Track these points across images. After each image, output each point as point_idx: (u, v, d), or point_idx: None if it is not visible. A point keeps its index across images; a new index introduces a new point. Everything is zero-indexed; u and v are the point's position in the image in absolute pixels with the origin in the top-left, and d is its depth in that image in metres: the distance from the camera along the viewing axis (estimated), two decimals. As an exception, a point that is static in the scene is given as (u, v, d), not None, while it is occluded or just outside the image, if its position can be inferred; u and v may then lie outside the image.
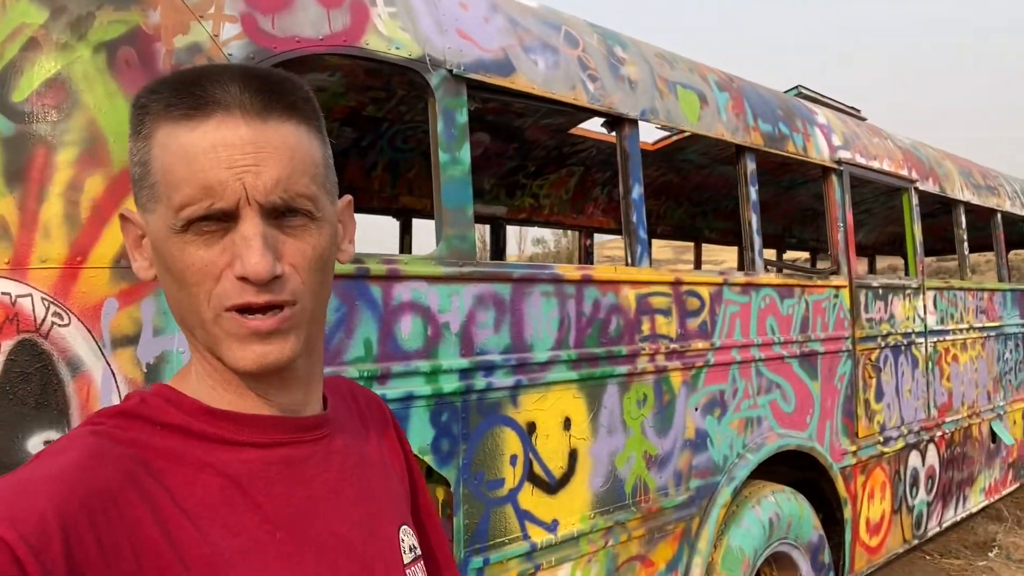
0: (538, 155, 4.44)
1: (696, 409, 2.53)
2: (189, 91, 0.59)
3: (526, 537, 1.98)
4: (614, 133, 2.41)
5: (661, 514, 2.38)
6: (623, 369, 2.26)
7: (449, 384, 1.82)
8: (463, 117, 1.90)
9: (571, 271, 2.14)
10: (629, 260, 2.36)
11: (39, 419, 1.27)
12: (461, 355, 1.86)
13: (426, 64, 1.82)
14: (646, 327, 2.35)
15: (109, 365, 1.32)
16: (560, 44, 2.22)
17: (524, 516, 1.98)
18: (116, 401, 1.32)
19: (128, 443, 0.60)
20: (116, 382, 1.32)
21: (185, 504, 0.59)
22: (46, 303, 1.28)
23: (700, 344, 2.53)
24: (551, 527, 2.05)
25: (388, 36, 1.75)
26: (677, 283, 2.47)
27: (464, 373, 1.86)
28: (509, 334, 1.97)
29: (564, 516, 2.09)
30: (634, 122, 2.38)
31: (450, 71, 1.87)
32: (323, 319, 0.70)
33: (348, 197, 0.74)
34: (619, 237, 2.67)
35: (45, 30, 1.36)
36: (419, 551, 0.78)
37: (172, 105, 0.59)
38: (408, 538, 0.76)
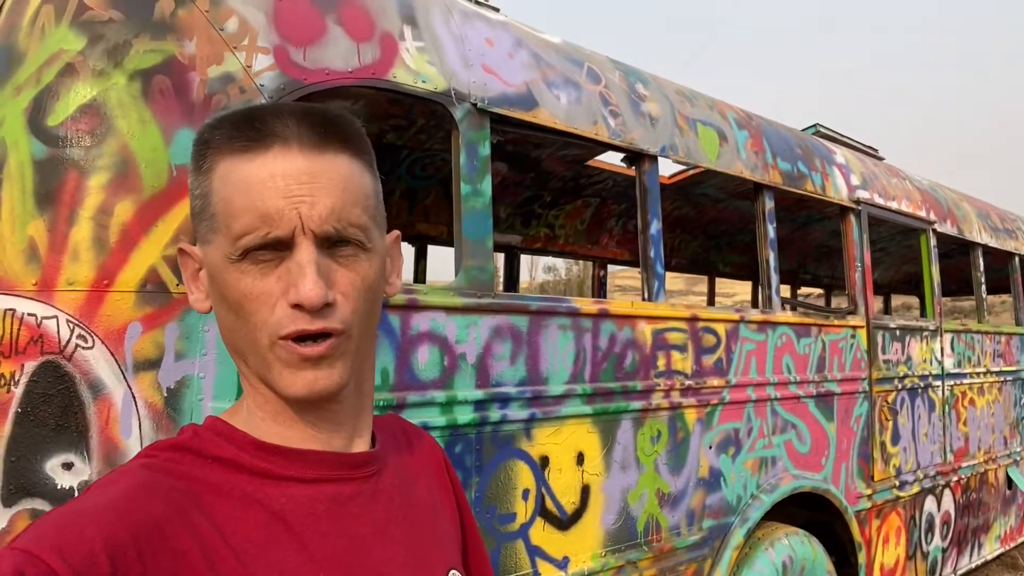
0: (555, 185, 4.47)
1: (710, 447, 2.50)
2: (250, 124, 0.62)
3: (536, 574, 1.95)
4: (634, 168, 2.42)
5: (673, 554, 2.35)
6: (638, 404, 2.24)
7: (464, 415, 1.81)
8: (486, 150, 1.92)
9: (588, 305, 2.14)
10: (646, 295, 2.36)
11: (58, 441, 1.27)
12: (477, 386, 1.85)
13: (451, 97, 1.84)
14: (661, 363, 2.34)
15: (130, 388, 1.32)
16: (582, 80, 2.25)
17: (535, 552, 1.96)
18: (134, 424, 1.32)
19: (179, 476, 0.61)
20: (136, 406, 1.33)
21: (232, 540, 0.60)
22: (71, 325, 1.29)
23: (715, 381, 2.52)
24: (562, 564, 2.02)
25: (415, 70, 1.77)
26: (693, 319, 2.46)
27: (479, 404, 1.85)
28: (525, 366, 1.96)
29: (575, 553, 2.06)
30: (654, 158, 2.39)
31: (474, 105, 1.89)
32: (372, 353, 0.72)
33: (396, 232, 0.76)
34: (631, 267, 2.66)
35: (82, 57, 1.39)
36: None
37: (233, 138, 0.62)
38: None
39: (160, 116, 1.40)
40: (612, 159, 3.77)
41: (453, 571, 0.75)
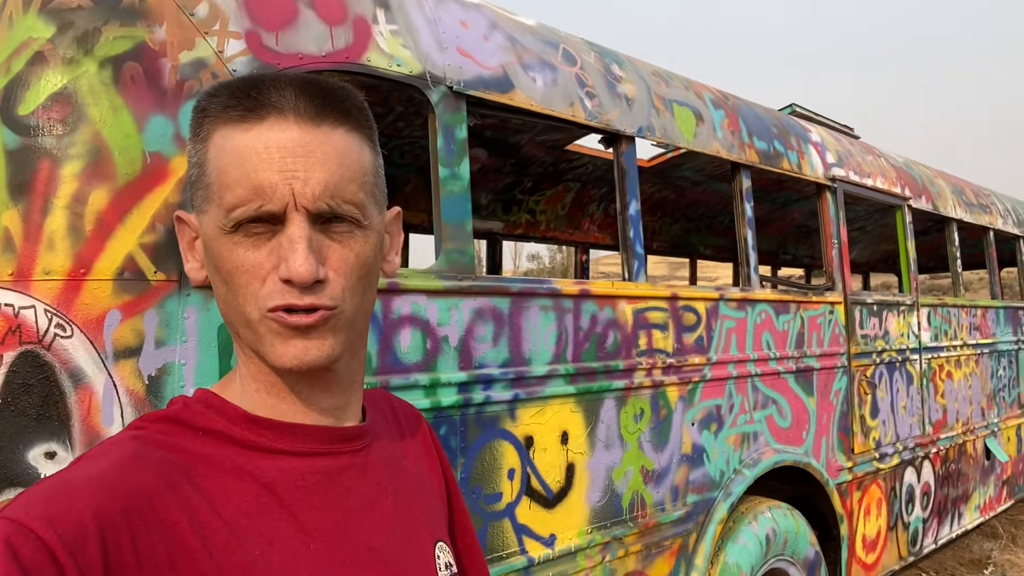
0: (535, 171, 4.47)
1: (693, 424, 2.53)
2: (246, 93, 0.61)
3: (523, 552, 1.98)
4: (611, 150, 2.43)
5: (658, 529, 2.38)
6: (620, 383, 2.27)
7: (448, 397, 1.83)
8: (463, 133, 1.92)
9: (569, 286, 2.15)
10: (626, 275, 2.38)
11: (40, 431, 1.27)
12: (460, 368, 1.86)
13: (426, 81, 1.85)
14: (643, 342, 2.36)
15: (111, 377, 1.32)
16: (558, 62, 2.25)
17: (521, 530, 1.98)
18: (116, 412, 1.32)
19: (169, 448, 0.61)
20: (118, 394, 1.33)
21: (222, 511, 0.60)
22: (49, 315, 1.28)
23: (696, 359, 2.55)
24: (548, 542, 2.05)
25: (390, 53, 1.77)
26: (674, 298, 2.49)
27: (463, 386, 1.86)
28: (507, 348, 1.98)
29: (561, 531, 2.09)
30: (631, 139, 2.40)
31: (450, 88, 1.89)
32: (366, 329, 0.72)
33: (397, 209, 0.75)
34: (615, 253, 2.69)
35: (52, 45, 1.38)
36: (455, 568, 0.77)
37: (229, 107, 0.61)
38: (444, 555, 0.76)
39: (132, 103, 1.39)
40: (592, 143, 3.78)
41: (440, 543, 0.76)
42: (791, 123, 3.36)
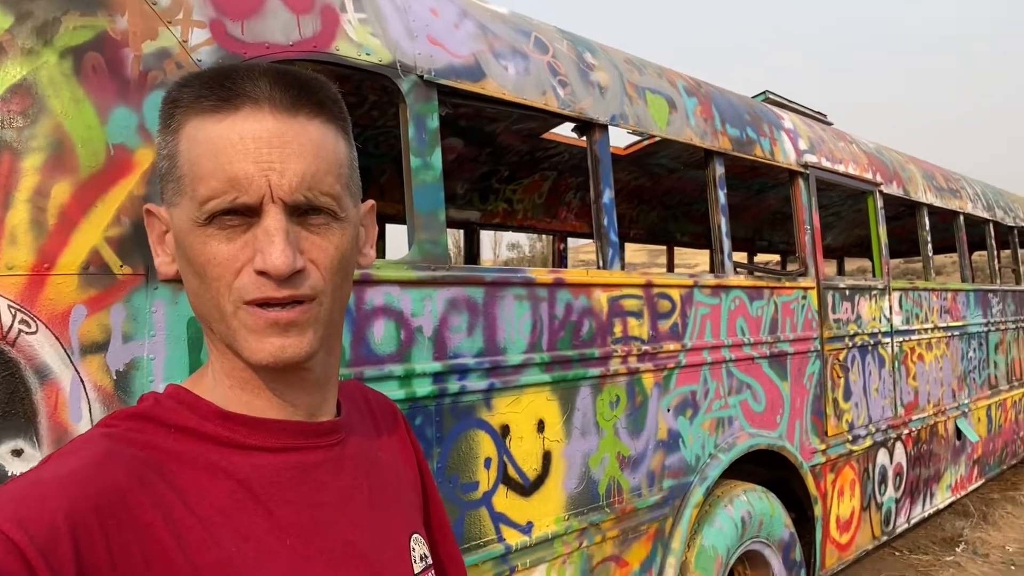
0: (511, 160, 4.46)
1: (668, 410, 2.56)
2: (220, 84, 0.60)
3: (501, 539, 1.99)
4: (584, 138, 2.43)
5: (635, 515, 2.41)
6: (596, 371, 2.28)
7: (422, 388, 1.83)
8: (434, 122, 1.91)
9: (543, 274, 2.16)
10: (601, 263, 2.38)
11: (5, 428, 1.25)
12: (434, 359, 1.86)
13: (397, 70, 1.83)
14: (618, 329, 2.37)
15: (78, 373, 1.30)
16: (530, 50, 2.25)
17: (498, 519, 2.00)
18: (84, 408, 1.31)
19: (141, 445, 0.60)
20: (85, 390, 1.31)
21: (196, 508, 0.59)
22: (13, 310, 1.26)
23: (672, 346, 2.57)
24: (526, 529, 2.06)
25: (358, 42, 1.76)
26: (648, 285, 2.50)
27: (437, 377, 1.86)
28: (482, 337, 1.98)
29: (538, 518, 2.10)
30: (604, 127, 2.41)
31: (421, 77, 1.88)
32: (341, 322, 0.71)
33: (371, 202, 0.75)
34: (593, 241, 2.71)
35: (10, 35, 1.35)
36: (430, 560, 0.77)
37: (202, 97, 0.60)
38: (419, 547, 0.76)
39: (94, 94, 1.37)
40: (568, 131, 3.78)
41: (415, 535, 0.76)
42: (764, 110, 3.38)
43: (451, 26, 2.02)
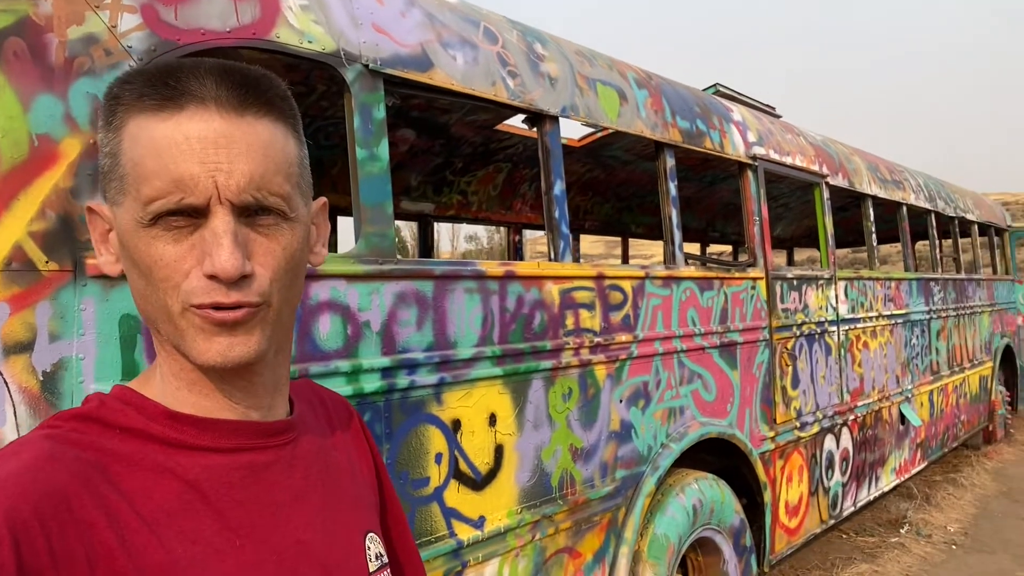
0: (465, 151, 4.43)
1: (621, 401, 2.57)
2: (163, 82, 0.58)
3: (452, 535, 1.98)
4: (535, 129, 2.42)
5: (588, 506, 2.41)
6: (548, 364, 2.28)
7: (371, 384, 1.80)
8: (381, 113, 1.87)
9: (494, 267, 2.14)
10: (552, 255, 2.38)
11: (-78, 434, 1.19)
12: (383, 354, 1.83)
13: (341, 59, 1.79)
14: (570, 321, 2.37)
15: (1, 374, 1.24)
16: (479, 40, 2.22)
17: (450, 514, 1.98)
18: (9, 411, 1.25)
19: (84, 447, 0.59)
20: (9, 391, 1.25)
21: (143, 510, 0.58)
22: (-73, 310, 1.20)
23: (623, 337, 2.58)
24: (478, 524, 2.05)
25: (300, 29, 1.71)
26: (600, 277, 2.51)
27: (386, 372, 1.84)
28: (432, 332, 1.96)
29: (491, 512, 2.09)
30: (555, 118, 2.40)
31: (366, 66, 1.84)
32: (292, 322, 0.69)
33: (323, 199, 0.73)
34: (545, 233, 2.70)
35: (-79, 18, 1.27)
36: (386, 559, 0.77)
37: (145, 95, 0.58)
38: (375, 545, 0.75)
39: (16, 82, 1.30)
40: (521, 123, 3.76)
41: (371, 534, 0.75)
42: (713, 102, 3.41)
43: (397, 15, 1.98)
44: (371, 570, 0.73)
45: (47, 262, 1.29)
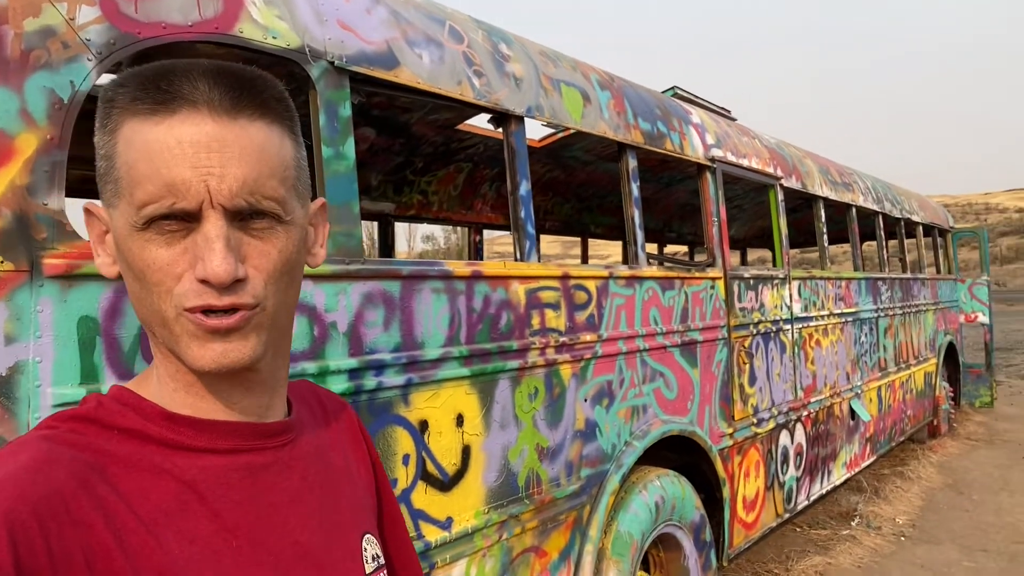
0: (426, 151, 4.41)
1: (585, 400, 2.59)
2: (156, 85, 0.58)
3: (420, 537, 1.96)
4: (501, 129, 2.42)
5: (554, 505, 2.43)
6: (514, 363, 2.28)
7: (337, 385, 1.77)
8: (347, 111, 1.85)
9: (461, 267, 2.14)
10: (518, 255, 2.38)
11: None
12: (350, 355, 1.81)
13: (306, 55, 1.76)
14: (536, 321, 2.38)
15: (-48, 379, 1.19)
16: (444, 39, 2.21)
17: (417, 516, 1.97)
18: (-39, 418, 1.20)
19: (82, 447, 0.59)
20: (-39, 397, 1.20)
21: (140, 511, 0.58)
22: None
23: (588, 336, 2.60)
24: (445, 525, 2.04)
25: (264, 24, 1.68)
26: (565, 277, 2.52)
27: (353, 373, 1.81)
28: (399, 332, 1.94)
29: (458, 513, 2.09)
30: (520, 119, 2.40)
31: (331, 63, 1.82)
32: (290, 324, 0.69)
33: (321, 200, 0.73)
34: (509, 233, 2.71)
35: None
36: (382, 560, 0.77)
37: (138, 99, 0.58)
38: (371, 547, 0.75)
39: (-33, 73, 1.24)
40: (483, 123, 3.76)
41: (368, 535, 0.76)
42: (673, 105, 3.47)
43: (363, 11, 1.96)
44: (367, 571, 0.73)
45: (2, 262, 1.24)
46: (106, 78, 2.71)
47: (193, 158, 0.57)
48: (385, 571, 0.77)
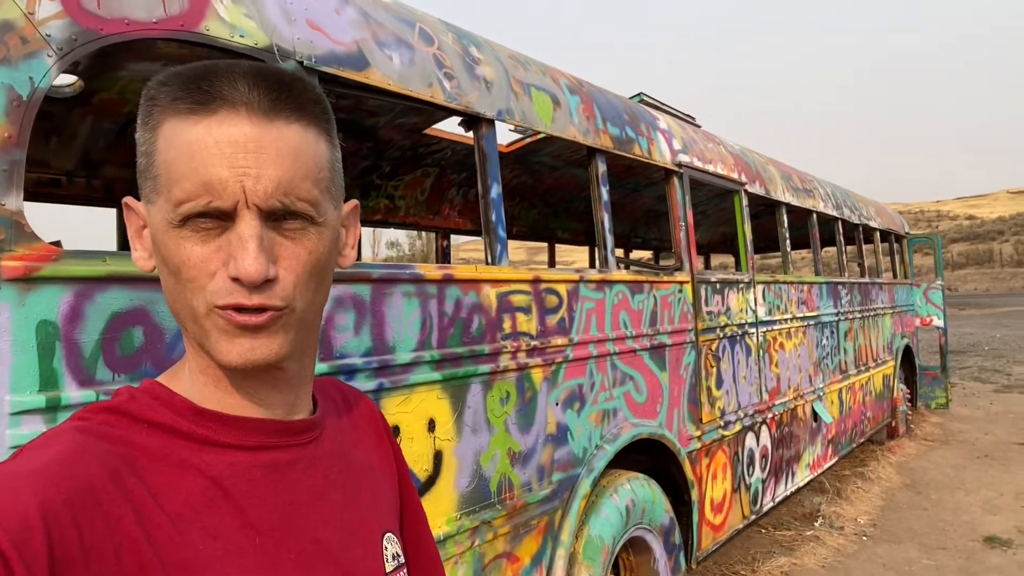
0: (392, 155, 4.37)
1: (557, 404, 2.58)
2: (197, 85, 0.59)
3: (392, 544, 1.93)
4: (471, 133, 2.41)
5: (525, 510, 2.41)
6: (486, 368, 2.27)
7: (307, 391, 1.74)
8: (316, 112, 1.82)
9: (432, 271, 2.12)
10: (489, 259, 2.37)
11: None
12: (320, 359, 1.78)
13: (274, 54, 1.73)
14: (507, 325, 2.37)
15: (-99, 386, 1.13)
16: (415, 41, 2.19)
17: (389, 522, 1.93)
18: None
19: (113, 440, 0.60)
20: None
21: (167, 505, 0.59)
22: None
23: (559, 340, 2.60)
24: (417, 531, 2.01)
25: (231, 23, 1.64)
26: (536, 281, 2.52)
27: (323, 378, 1.78)
28: (370, 336, 1.91)
29: (430, 519, 2.06)
30: (491, 122, 2.39)
31: (300, 63, 1.79)
32: (317, 323, 0.70)
33: (354, 202, 0.74)
34: (476, 239, 2.69)
35: None
36: (403, 559, 0.78)
37: (179, 98, 0.59)
38: (392, 546, 0.76)
39: (-82, 67, 1.19)
40: (451, 127, 3.75)
41: (388, 533, 0.76)
42: (641, 111, 3.49)
43: (332, 11, 1.93)
44: (388, 570, 0.74)
45: (-45, 264, 1.19)
46: (65, 79, 2.63)
47: (231, 158, 0.58)
48: (405, 570, 0.78)
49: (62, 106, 2.99)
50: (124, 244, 3.60)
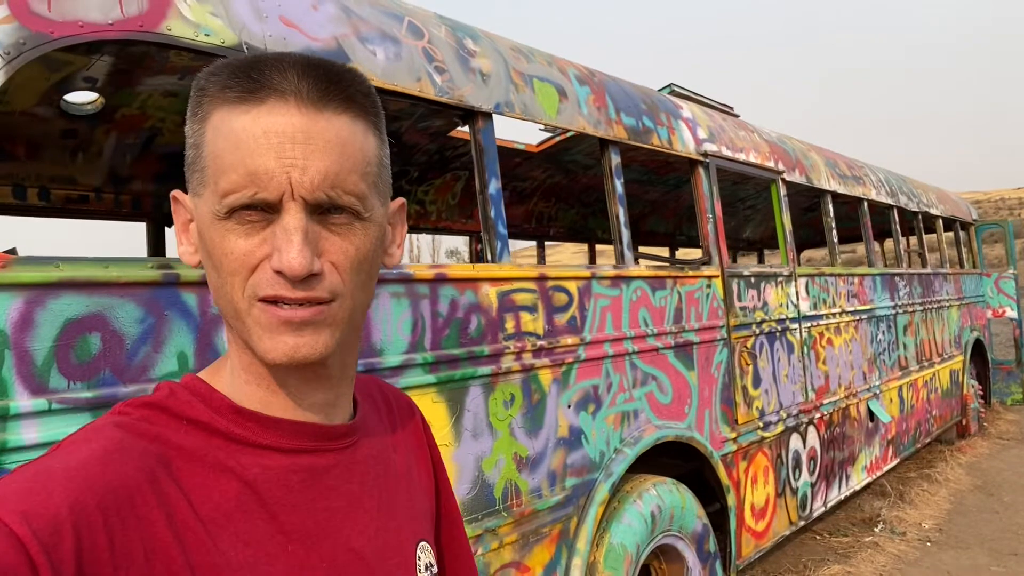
0: (420, 160, 4.35)
1: (569, 406, 2.48)
2: (246, 75, 0.58)
3: (384, 553, 1.87)
4: (468, 127, 2.34)
5: (535, 517, 2.31)
6: (486, 369, 2.18)
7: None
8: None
9: (423, 270, 2.05)
10: (489, 256, 2.29)
11: None
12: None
13: (243, 53, 1.69)
14: (510, 325, 2.28)
15: None
16: (402, 35, 2.14)
17: (381, 531, 1.87)
18: None
19: (152, 438, 0.59)
20: None
21: (201, 509, 0.58)
22: None
23: (570, 340, 2.49)
24: (413, 540, 1.94)
25: (195, 22, 1.61)
26: (542, 278, 2.42)
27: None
28: (356, 339, 1.85)
29: (427, 527, 1.99)
30: (488, 115, 2.32)
31: (273, 61, 1.74)
32: (362, 322, 0.68)
33: (401, 200, 0.72)
34: (527, 243, 2.60)
35: None
36: (436, 568, 0.76)
37: (228, 87, 0.58)
38: (425, 555, 0.75)
39: None
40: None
41: (423, 543, 0.75)
42: (661, 99, 3.36)
43: (308, 7, 1.89)
44: None
45: None
46: (85, 96, 2.68)
47: (278, 148, 0.57)
48: None
49: (86, 123, 3.05)
50: (155, 256, 3.67)
